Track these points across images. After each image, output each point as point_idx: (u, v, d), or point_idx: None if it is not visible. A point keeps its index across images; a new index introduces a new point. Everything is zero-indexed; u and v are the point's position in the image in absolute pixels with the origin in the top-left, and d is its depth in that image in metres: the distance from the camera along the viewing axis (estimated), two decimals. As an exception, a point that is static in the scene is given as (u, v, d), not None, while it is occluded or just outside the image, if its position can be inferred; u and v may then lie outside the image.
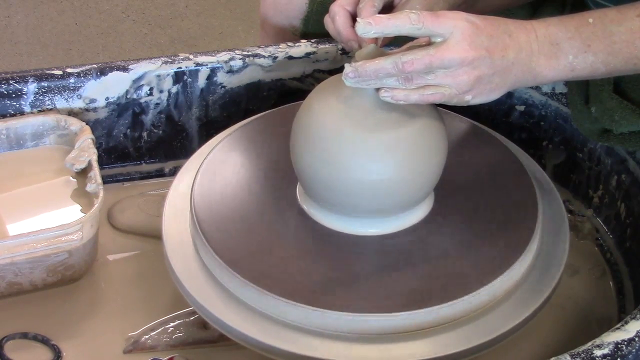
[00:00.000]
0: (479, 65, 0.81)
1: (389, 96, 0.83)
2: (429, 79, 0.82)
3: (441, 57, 0.80)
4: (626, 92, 0.98)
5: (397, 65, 0.81)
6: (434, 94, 0.82)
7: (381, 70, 0.81)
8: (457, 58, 0.80)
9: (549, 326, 0.98)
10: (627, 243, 1.05)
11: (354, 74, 0.83)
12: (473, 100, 0.84)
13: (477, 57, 0.81)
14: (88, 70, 1.10)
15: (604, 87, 0.98)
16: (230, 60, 1.14)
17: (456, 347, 0.82)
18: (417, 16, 0.79)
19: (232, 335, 0.85)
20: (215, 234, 0.90)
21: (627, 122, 0.97)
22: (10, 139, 1.08)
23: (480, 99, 0.85)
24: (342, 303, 0.83)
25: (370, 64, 0.82)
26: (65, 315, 0.99)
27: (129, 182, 1.19)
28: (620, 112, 0.97)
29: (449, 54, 0.80)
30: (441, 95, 0.83)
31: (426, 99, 0.83)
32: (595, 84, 1.00)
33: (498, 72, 0.83)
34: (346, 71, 0.83)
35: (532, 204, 0.94)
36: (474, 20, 0.81)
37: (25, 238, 0.94)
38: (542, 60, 0.84)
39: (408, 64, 0.80)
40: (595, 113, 1.00)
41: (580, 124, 1.05)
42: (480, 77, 0.82)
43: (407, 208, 0.91)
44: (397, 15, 0.80)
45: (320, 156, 0.87)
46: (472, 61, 0.81)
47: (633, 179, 1.04)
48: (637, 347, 0.77)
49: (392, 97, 0.83)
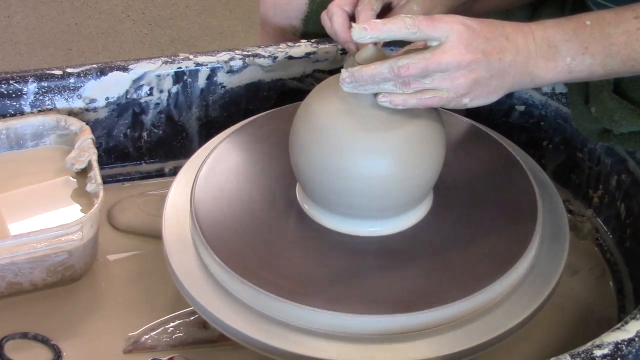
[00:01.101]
0: (475, 68, 0.81)
1: (387, 101, 0.83)
2: (426, 82, 0.82)
3: (438, 61, 0.80)
4: (626, 92, 0.98)
5: (393, 69, 0.81)
6: (432, 97, 0.82)
7: (378, 75, 0.81)
8: (453, 61, 0.80)
9: (549, 326, 0.98)
10: (627, 243, 1.05)
11: (350, 79, 0.83)
12: (471, 103, 0.84)
13: (474, 60, 0.81)
14: (88, 70, 1.10)
15: (604, 87, 0.98)
16: (230, 60, 1.14)
17: (456, 347, 0.82)
18: (413, 20, 0.79)
19: (232, 335, 0.85)
20: (215, 234, 0.90)
21: (627, 122, 0.98)
22: (10, 139, 1.08)
23: (478, 101, 0.85)
24: (342, 303, 0.83)
25: (367, 69, 0.82)
26: (65, 315, 0.99)
27: (129, 182, 1.19)
28: (620, 112, 0.97)
29: (445, 57, 0.80)
30: (439, 99, 0.82)
31: (424, 103, 0.83)
32: (595, 84, 1.00)
33: (495, 74, 0.83)
34: (343, 76, 0.83)
35: (532, 204, 0.94)
36: (469, 24, 0.81)
37: (26, 238, 0.94)
38: (540, 62, 0.84)
39: (404, 68, 0.80)
40: (595, 113, 1.00)
41: (580, 124, 1.05)
42: (478, 79, 0.82)
43: (406, 208, 0.91)
44: (393, 20, 0.80)
45: (319, 157, 0.87)
46: (468, 64, 0.81)
47: (633, 179, 1.04)
48: (637, 347, 0.77)
49: (390, 102, 0.83)
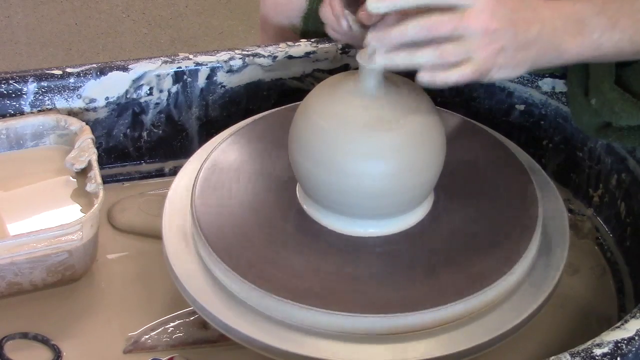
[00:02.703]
0: (501, 37, 0.79)
1: (428, 77, 0.80)
2: (460, 51, 0.79)
3: (466, 24, 0.78)
4: (628, 85, 0.97)
5: (423, 27, 0.78)
6: (469, 69, 0.80)
7: (405, 34, 0.79)
8: (480, 27, 0.78)
9: (549, 326, 0.97)
10: (627, 242, 1.05)
11: (379, 42, 0.79)
12: (497, 75, 0.82)
13: (500, 28, 0.79)
14: (88, 70, 1.10)
15: (605, 78, 0.98)
16: (230, 60, 1.14)
17: (456, 347, 0.82)
18: None
19: (232, 335, 0.85)
20: (215, 234, 0.90)
21: (627, 114, 0.97)
22: (10, 139, 1.08)
23: (505, 73, 0.82)
24: (342, 303, 0.83)
25: (394, 30, 0.79)
26: (65, 315, 0.99)
27: (129, 182, 1.19)
28: (621, 104, 0.96)
29: (472, 22, 0.78)
30: (472, 71, 0.80)
31: (465, 77, 0.80)
32: (597, 75, 0.99)
33: (521, 46, 0.81)
34: (369, 41, 0.80)
35: (532, 204, 0.94)
36: None
37: (26, 238, 0.93)
38: (567, 37, 0.83)
39: (433, 27, 0.78)
40: (595, 105, 1.00)
41: (578, 118, 1.05)
42: (504, 49, 0.80)
43: (406, 208, 0.91)
44: None
45: (318, 158, 0.87)
46: (494, 31, 0.78)
47: (633, 177, 1.04)
48: (637, 346, 0.77)
49: (431, 77, 0.80)
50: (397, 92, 0.88)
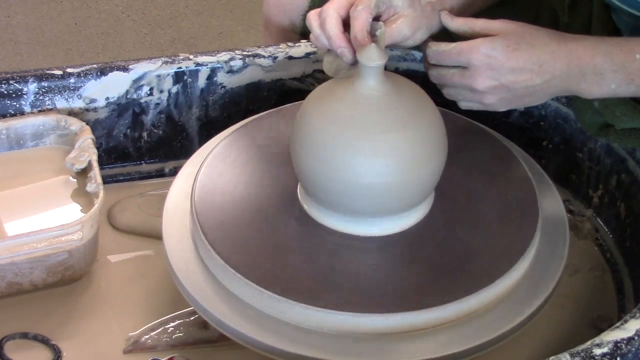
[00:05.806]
0: (498, 92, 0.89)
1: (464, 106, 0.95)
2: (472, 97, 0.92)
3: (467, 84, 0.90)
4: None
5: None
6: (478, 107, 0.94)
7: None
8: (477, 86, 0.89)
9: (549, 326, 0.98)
10: (627, 242, 1.05)
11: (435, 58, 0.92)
12: (507, 108, 0.94)
13: (493, 87, 0.89)
14: (88, 70, 1.10)
15: None
16: (230, 60, 1.14)
17: (456, 347, 0.82)
18: None
19: (232, 335, 0.85)
20: (215, 233, 0.90)
21: (628, 119, 0.97)
22: (10, 139, 1.08)
23: (517, 106, 0.96)
24: (342, 303, 0.83)
25: None
26: (65, 315, 0.99)
27: (129, 182, 1.19)
28: (622, 108, 0.97)
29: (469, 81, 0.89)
30: (480, 108, 0.95)
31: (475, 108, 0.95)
32: None
33: (522, 95, 0.90)
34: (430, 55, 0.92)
35: (532, 204, 0.94)
36: (492, 54, 0.87)
37: (26, 238, 0.94)
38: (583, 85, 0.89)
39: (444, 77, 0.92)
40: (597, 106, 1.00)
41: (581, 116, 1.05)
42: (504, 99, 0.91)
43: (407, 209, 0.91)
44: None
45: (320, 159, 0.87)
46: (487, 90, 0.89)
47: (633, 178, 1.04)
48: (636, 346, 0.77)
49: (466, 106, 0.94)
50: (398, 92, 0.88)
